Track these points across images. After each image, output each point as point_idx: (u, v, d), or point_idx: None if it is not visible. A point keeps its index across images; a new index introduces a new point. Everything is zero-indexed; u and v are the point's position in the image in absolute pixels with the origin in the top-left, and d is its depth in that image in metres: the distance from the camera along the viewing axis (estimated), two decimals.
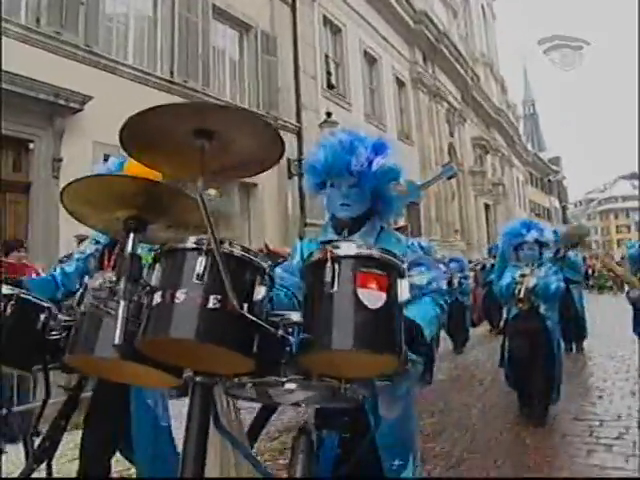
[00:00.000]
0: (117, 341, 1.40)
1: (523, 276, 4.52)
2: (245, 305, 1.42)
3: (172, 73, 9.35)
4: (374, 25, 16.86)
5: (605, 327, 9.20)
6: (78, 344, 1.64)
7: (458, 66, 23.45)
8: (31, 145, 7.06)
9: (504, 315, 5.93)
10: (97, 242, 2.85)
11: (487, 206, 26.56)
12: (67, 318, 2.36)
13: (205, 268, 1.41)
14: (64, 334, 2.26)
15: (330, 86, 14.10)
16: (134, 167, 1.98)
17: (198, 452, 1.50)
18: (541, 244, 4.60)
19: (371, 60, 16.83)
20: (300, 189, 11.73)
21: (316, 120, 12.54)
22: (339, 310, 1.46)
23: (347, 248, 1.55)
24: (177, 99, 9.13)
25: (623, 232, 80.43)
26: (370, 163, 2.09)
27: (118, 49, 8.72)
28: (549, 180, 52.18)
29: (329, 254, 1.52)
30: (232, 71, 11.13)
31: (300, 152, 11.92)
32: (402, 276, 1.59)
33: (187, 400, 1.59)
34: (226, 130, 1.44)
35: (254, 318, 1.42)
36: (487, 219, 26.59)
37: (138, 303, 1.46)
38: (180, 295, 1.39)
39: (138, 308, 1.45)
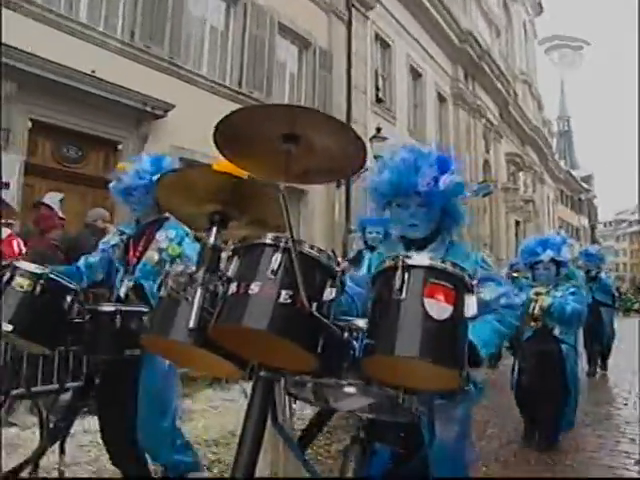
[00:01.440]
0: (192, 325, 1.48)
1: (538, 294, 4.34)
2: (314, 304, 1.48)
3: (240, 84, 10.12)
4: (420, 41, 17.46)
5: (629, 347, 9.66)
6: (154, 326, 1.74)
7: (498, 84, 23.87)
8: (119, 146, 7.87)
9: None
10: (122, 233, 2.92)
11: (517, 222, 26.88)
12: (91, 306, 2.53)
13: (280, 264, 1.47)
14: (87, 318, 2.41)
15: (378, 100, 14.76)
16: (222, 165, 2.03)
17: (253, 446, 1.53)
18: (558, 263, 4.37)
19: (416, 75, 17.44)
20: (347, 198, 12.44)
21: (363, 132, 13.22)
22: (405, 317, 1.49)
23: (419, 259, 1.60)
24: None
25: None
26: (437, 182, 2.09)
27: (195, 61, 9.52)
28: (580, 199, 52.00)
29: (400, 262, 1.56)
30: (291, 84, 11.88)
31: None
32: (470, 291, 1.60)
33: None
34: (312, 135, 1.52)
35: (322, 317, 1.48)
36: (517, 235, 26.93)
37: (214, 293, 1.52)
38: (254, 287, 1.46)
39: (214, 297, 1.52)
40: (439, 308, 1.51)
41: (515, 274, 9.06)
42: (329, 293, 1.54)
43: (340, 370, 1.60)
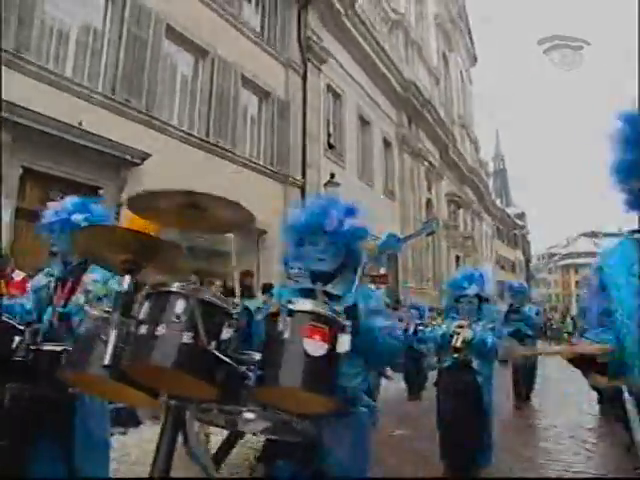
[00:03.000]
0: (107, 362, 1.68)
1: (461, 327, 4.41)
2: (213, 342, 1.73)
3: (207, 134, 10.99)
4: (368, 91, 18.87)
5: (556, 375, 10.20)
6: (73, 362, 1.95)
7: (438, 129, 25.70)
8: (100, 191, 8.54)
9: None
10: (50, 275, 2.93)
11: (458, 257, 28.52)
12: (29, 343, 2.49)
13: (183, 310, 1.72)
14: (29, 357, 2.42)
15: (330, 146, 15.93)
16: (135, 220, 2.26)
17: (165, 467, 1.80)
18: (481, 298, 4.54)
19: (364, 123, 18.79)
20: None
21: (317, 177, 14.30)
22: (287, 354, 1.79)
23: (301, 304, 1.89)
24: (211, 157, 10.80)
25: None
26: (342, 224, 2.40)
27: (167, 113, 10.34)
28: (515, 234, 54.96)
29: (281, 308, 1.87)
30: (252, 132, 12.83)
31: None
32: (343, 331, 1.89)
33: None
34: (209, 207, 1.95)
35: (219, 354, 1.73)
36: (458, 269, 28.49)
37: (127, 333, 1.74)
38: (161, 329, 1.69)
39: (126, 337, 1.74)
40: (315, 346, 1.80)
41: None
42: (226, 333, 1.80)
43: (239, 398, 1.85)
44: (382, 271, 17.96)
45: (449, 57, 31.61)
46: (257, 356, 1.89)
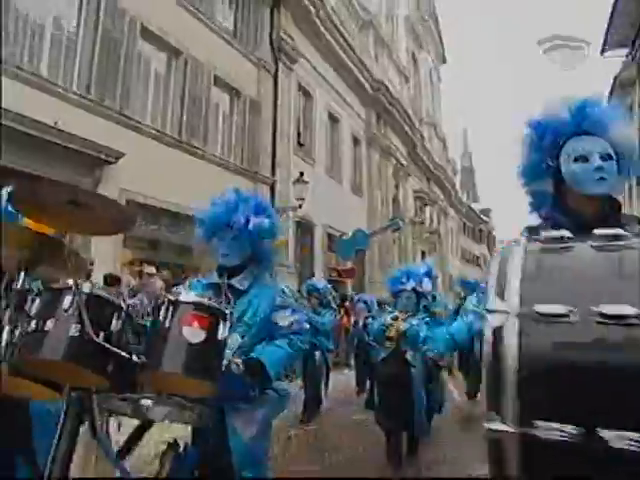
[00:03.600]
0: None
1: (396, 319, 4.62)
2: (102, 334, 1.81)
3: (180, 132, 11.27)
4: (338, 90, 19.30)
5: None
6: None
7: (406, 127, 26.30)
8: None
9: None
10: None
11: (423, 252, 29.26)
12: None
13: (70, 304, 1.78)
14: None
15: (300, 144, 16.32)
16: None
17: (66, 456, 1.84)
18: (418, 294, 4.67)
19: (334, 121, 19.24)
20: None
21: (287, 174, 14.69)
22: (168, 341, 1.92)
23: (184, 296, 2.05)
24: (182, 155, 11.09)
25: None
26: (248, 221, 2.47)
27: (140, 112, 10.57)
28: (480, 230, 56.26)
29: (166, 298, 2.00)
30: (223, 131, 13.13)
31: (272, 202, 13.96)
32: (224, 320, 2.03)
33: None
34: (91, 204, 1.90)
35: (106, 344, 1.80)
36: None
37: (20, 329, 1.79)
38: (50, 324, 1.77)
39: (20, 333, 1.79)
40: (194, 333, 1.93)
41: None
42: (116, 324, 1.88)
43: (135, 386, 1.96)
44: (349, 265, 18.53)
45: (418, 56, 32.22)
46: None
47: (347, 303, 12.79)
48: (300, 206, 14.00)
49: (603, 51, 22.77)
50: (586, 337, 1.09)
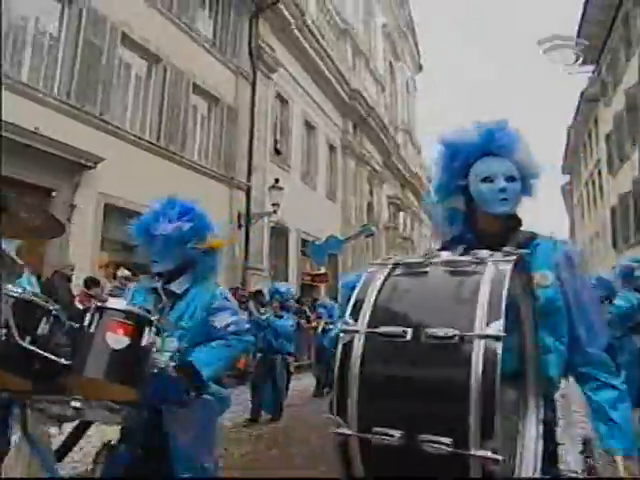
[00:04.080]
0: None
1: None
2: (28, 338, 1.86)
3: (158, 138, 11.50)
4: (315, 98, 19.66)
5: None
6: None
7: (382, 135, 26.79)
8: (53, 193, 8.96)
9: None
10: None
11: None
12: None
13: None
14: None
15: (277, 151, 16.64)
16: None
17: None
18: None
19: (310, 128, 19.60)
20: (246, 238, 14.07)
21: (262, 180, 15.00)
22: (92, 347, 1.98)
23: (111, 302, 2.13)
24: (161, 160, 11.33)
25: None
26: (172, 227, 2.50)
27: (120, 117, 10.79)
28: None
29: (92, 305, 2.08)
30: (201, 137, 13.40)
31: (248, 207, 14.29)
32: (149, 326, 2.10)
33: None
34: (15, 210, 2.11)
35: (33, 348, 1.86)
36: None
37: None
38: None
39: None
40: (117, 340, 2.00)
41: None
42: (43, 329, 1.93)
43: (64, 389, 1.98)
44: (322, 270, 18.87)
45: (395, 65, 32.81)
46: None
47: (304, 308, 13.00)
48: (275, 212, 14.32)
49: None
50: (414, 355, 1.23)
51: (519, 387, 1.58)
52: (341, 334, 1.31)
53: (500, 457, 1.11)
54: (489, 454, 1.12)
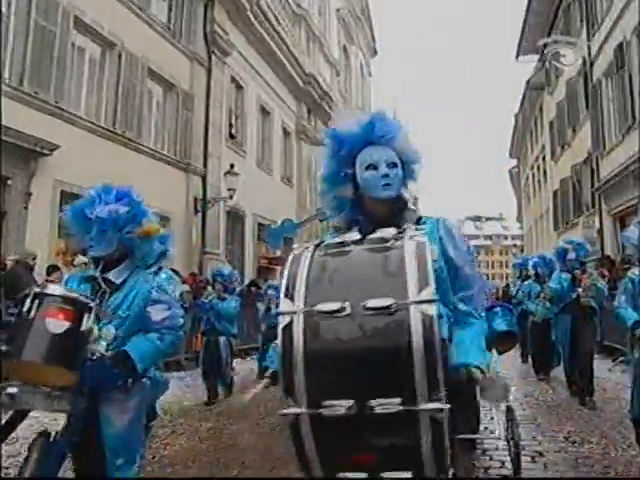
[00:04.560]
0: None
1: None
2: None
3: (114, 124, 11.49)
4: (270, 83, 19.77)
5: None
6: None
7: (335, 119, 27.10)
8: (9, 181, 8.94)
9: None
10: None
11: None
12: None
13: None
14: None
15: (231, 136, 16.75)
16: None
17: None
18: None
19: (265, 113, 19.73)
20: (203, 223, 14.24)
21: (218, 165, 15.13)
22: (31, 331, 2.05)
23: (51, 288, 2.17)
24: (117, 147, 11.36)
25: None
26: (106, 211, 2.48)
27: (75, 104, 10.73)
28: None
29: (31, 291, 2.12)
30: (157, 123, 13.43)
31: (204, 192, 14.42)
32: (89, 312, 2.18)
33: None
34: None
35: None
36: None
37: None
38: None
39: None
40: (56, 325, 2.04)
41: None
42: None
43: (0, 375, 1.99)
44: (278, 253, 19.18)
45: (350, 50, 33.04)
46: None
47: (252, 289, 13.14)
48: (231, 197, 14.50)
49: (517, 55, 24.56)
50: (355, 327, 1.29)
51: None
52: (279, 316, 1.36)
53: (446, 406, 1.22)
54: (437, 405, 1.23)
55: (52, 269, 7.56)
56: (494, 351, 4.11)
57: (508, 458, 3.79)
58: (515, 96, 33.59)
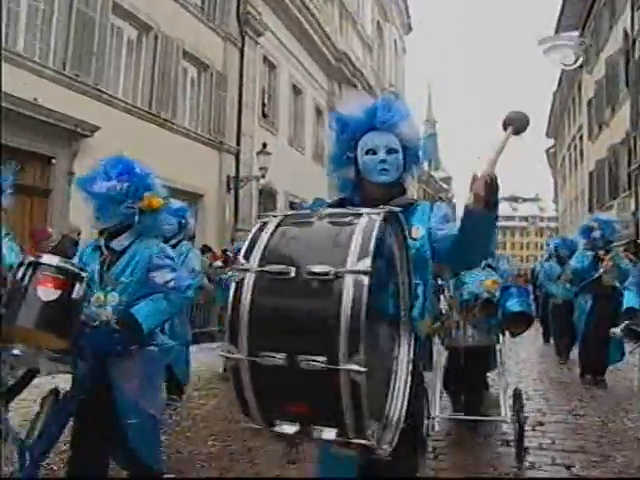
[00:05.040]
0: None
1: None
2: None
3: (150, 105, 11.91)
4: (302, 62, 19.88)
5: None
6: None
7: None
8: (53, 160, 9.46)
9: None
10: None
11: None
12: None
13: None
14: None
15: (264, 115, 17.03)
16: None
17: None
18: None
19: (297, 92, 19.89)
20: (236, 201, 14.64)
21: (251, 144, 15.46)
22: (25, 298, 2.20)
23: (45, 258, 2.29)
24: (153, 127, 11.77)
25: (500, 248, 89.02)
26: (108, 187, 2.57)
27: (115, 86, 11.17)
28: (440, 197, 57.76)
29: (26, 260, 2.26)
30: (191, 103, 13.79)
31: (237, 171, 14.80)
32: (80, 281, 2.31)
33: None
34: None
35: None
36: None
37: None
38: None
39: None
40: (48, 293, 2.16)
41: None
42: None
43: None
44: None
45: (384, 26, 32.69)
46: None
47: None
48: (263, 176, 14.84)
49: (557, 32, 23.95)
50: (296, 289, 1.41)
51: (396, 329, 1.83)
52: (235, 272, 1.49)
53: (364, 369, 1.32)
54: (355, 367, 1.32)
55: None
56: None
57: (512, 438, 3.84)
58: (554, 74, 32.81)
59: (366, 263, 1.36)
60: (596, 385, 6.02)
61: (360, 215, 1.51)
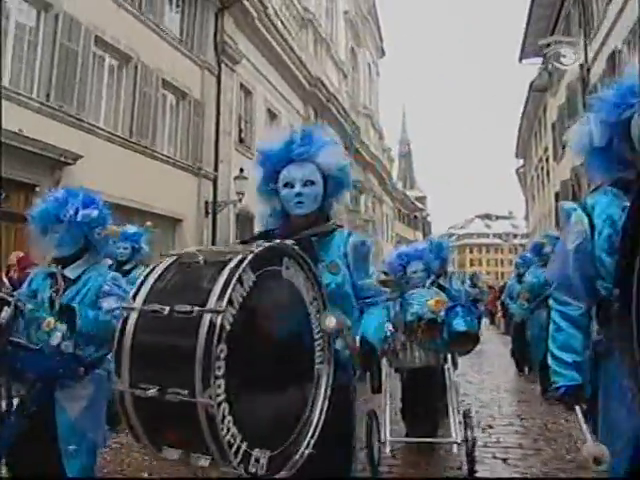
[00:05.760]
0: None
1: None
2: None
3: (131, 133, 12.32)
4: (277, 87, 20.50)
5: None
6: None
7: (343, 121, 27.80)
8: (37, 189, 9.79)
9: None
10: None
11: None
12: None
13: None
14: None
15: (241, 140, 17.54)
16: None
17: None
18: None
19: (272, 116, 20.49)
20: (213, 225, 15.06)
21: (228, 169, 15.93)
22: None
23: None
24: (133, 154, 12.19)
25: (475, 265, 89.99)
26: (76, 214, 2.65)
27: (96, 115, 11.57)
28: (415, 216, 58.77)
29: None
30: (170, 130, 14.22)
31: (215, 196, 15.24)
32: (7, 305, 2.43)
33: None
34: None
35: None
36: None
37: None
38: None
39: None
40: None
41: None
42: None
43: None
44: None
45: (357, 51, 33.70)
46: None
47: None
48: (240, 200, 15.28)
49: (521, 59, 25.10)
50: (168, 326, 1.53)
51: (311, 359, 1.90)
52: (122, 311, 1.62)
53: (213, 402, 1.42)
54: (206, 400, 1.41)
55: None
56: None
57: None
58: (521, 97, 34.07)
59: (221, 304, 1.47)
60: (545, 395, 6.34)
61: (238, 253, 1.63)
